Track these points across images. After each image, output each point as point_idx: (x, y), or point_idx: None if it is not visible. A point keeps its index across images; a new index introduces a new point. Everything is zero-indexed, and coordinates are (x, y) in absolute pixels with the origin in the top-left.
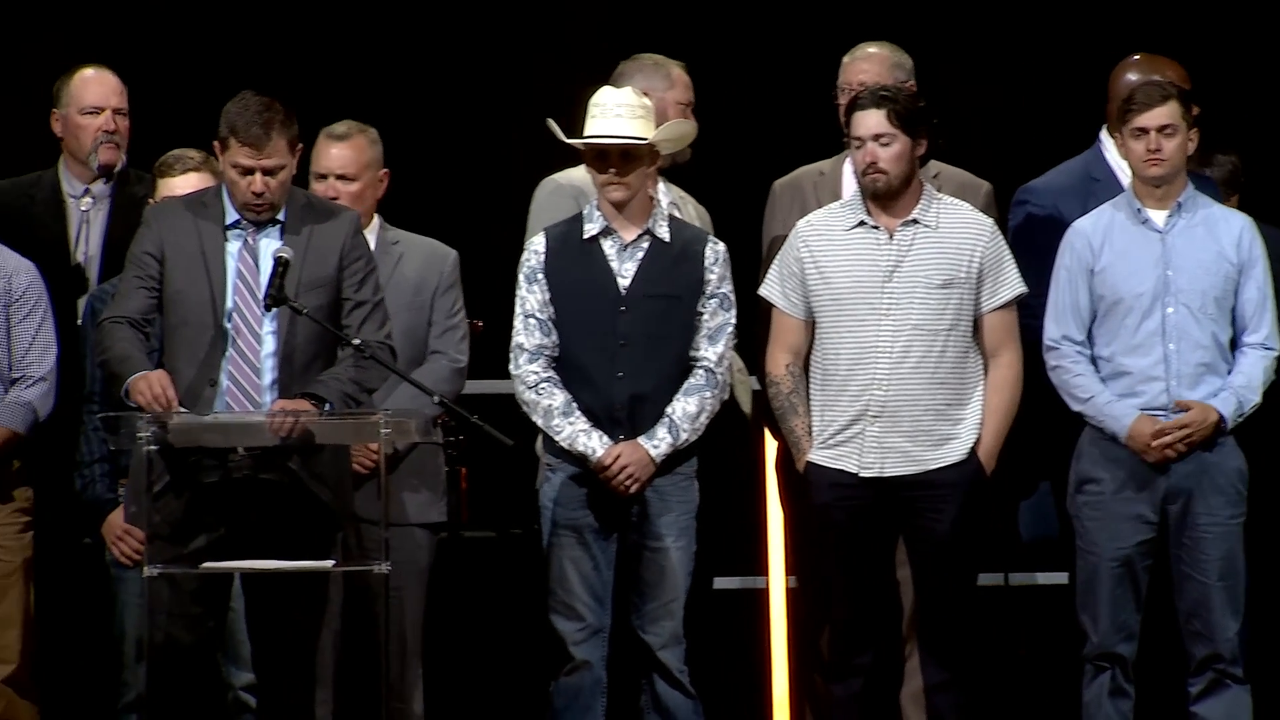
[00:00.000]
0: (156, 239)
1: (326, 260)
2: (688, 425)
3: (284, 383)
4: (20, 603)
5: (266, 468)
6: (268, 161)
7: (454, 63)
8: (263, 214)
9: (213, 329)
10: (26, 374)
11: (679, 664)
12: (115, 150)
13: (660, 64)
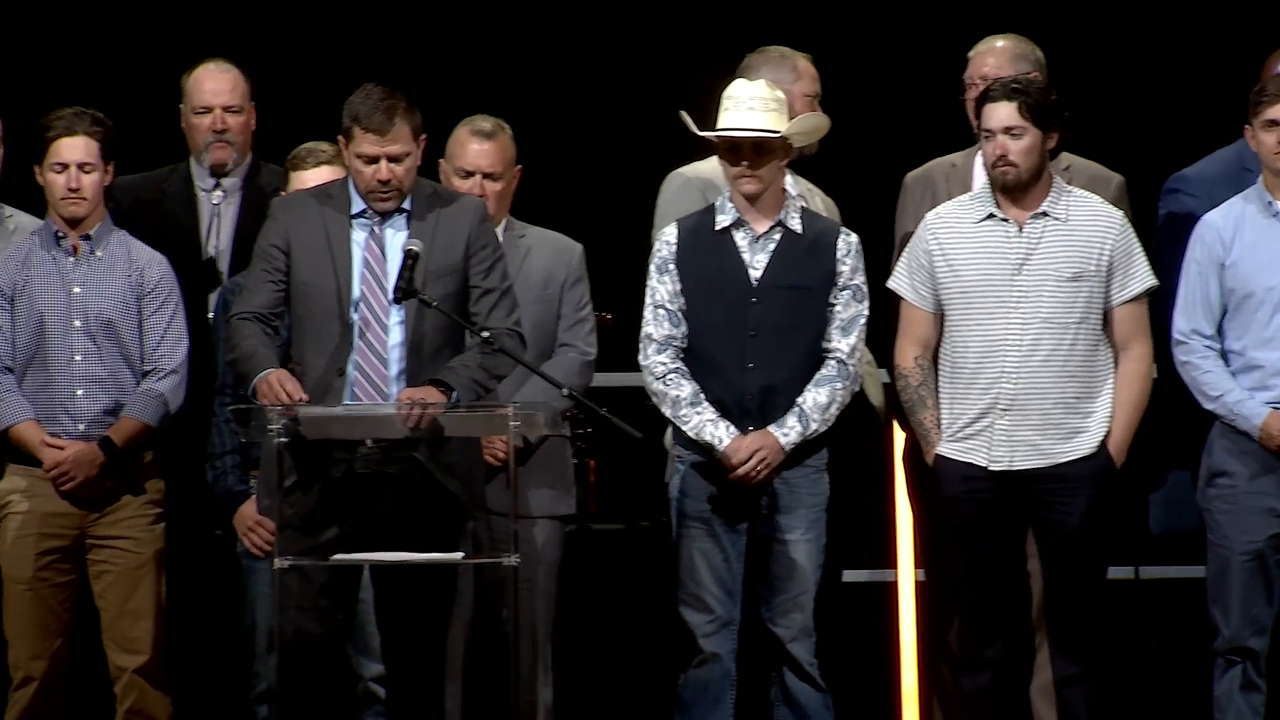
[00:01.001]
0: (282, 231)
1: (453, 248)
2: (818, 415)
3: (412, 372)
4: (152, 594)
5: (396, 460)
6: (392, 148)
7: (583, 56)
8: (388, 202)
9: (340, 320)
10: (158, 366)
11: (809, 657)
12: (225, 149)
13: (787, 56)
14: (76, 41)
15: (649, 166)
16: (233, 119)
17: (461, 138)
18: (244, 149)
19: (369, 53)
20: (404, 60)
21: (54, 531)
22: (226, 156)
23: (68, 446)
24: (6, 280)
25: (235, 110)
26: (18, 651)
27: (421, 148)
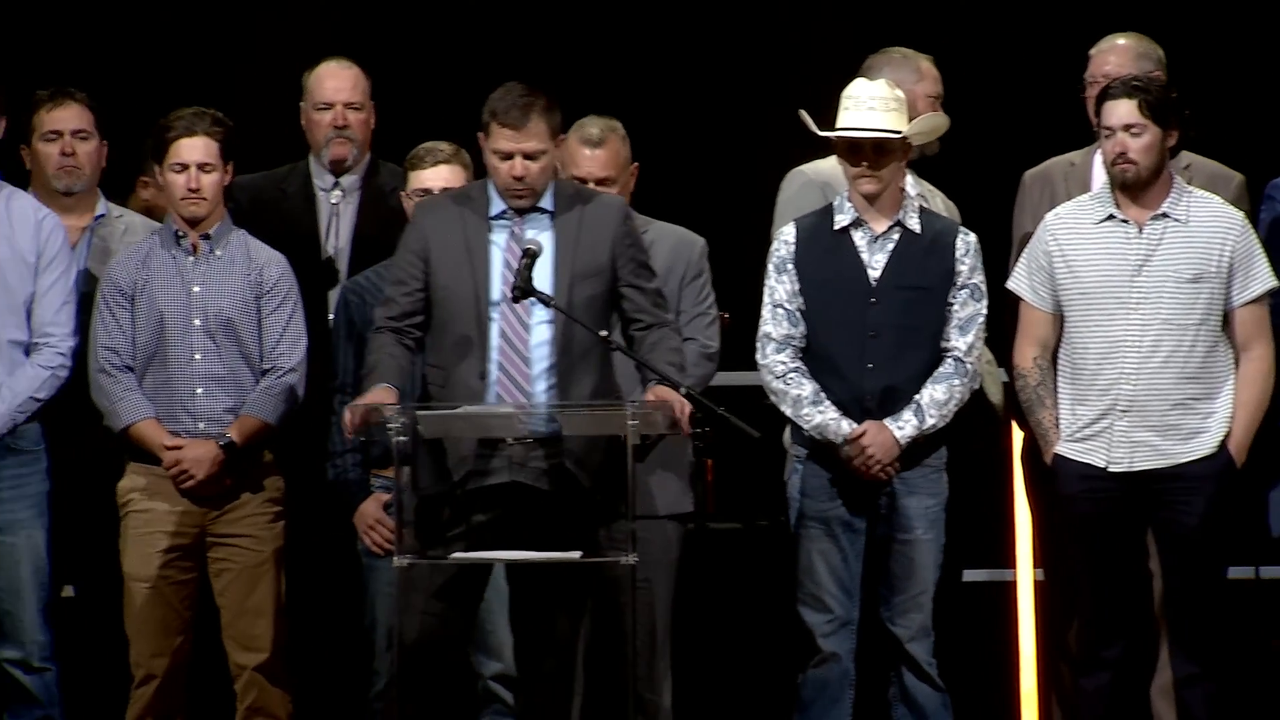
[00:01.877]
0: (421, 236)
1: (598, 250)
2: (935, 411)
3: (561, 371)
4: (271, 592)
5: (517, 459)
6: (528, 145)
7: (704, 53)
8: (524, 199)
9: (480, 322)
10: (277, 365)
11: (927, 656)
12: (345, 145)
13: (909, 57)
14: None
15: (769, 166)
16: (353, 115)
17: (572, 145)
18: (363, 147)
19: (489, 52)
20: (526, 58)
21: (174, 530)
22: (346, 153)
23: (187, 445)
24: (127, 279)
25: (356, 107)
26: (139, 649)
27: (560, 148)
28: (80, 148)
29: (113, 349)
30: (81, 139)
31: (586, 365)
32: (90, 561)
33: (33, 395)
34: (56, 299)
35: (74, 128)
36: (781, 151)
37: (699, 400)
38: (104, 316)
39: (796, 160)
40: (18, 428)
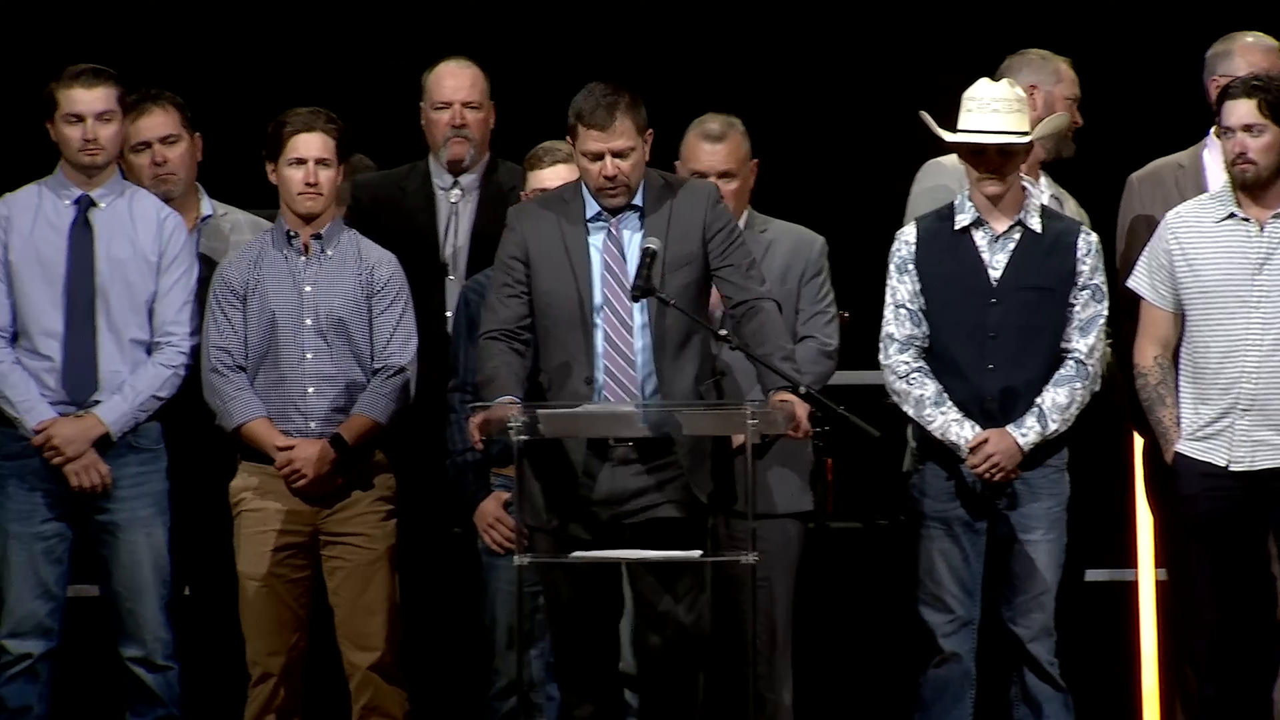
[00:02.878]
0: (520, 241)
1: (689, 237)
2: (1057, 415)
3: (660, 370)
4: (384, 590)
5: (638, 457)
6: (616, 143)
7: (824, 50)
8: (616, 198)
9: (585, 326)
10: (388, 364)
11: (1049, 656)
12: (463, 145)
13: (1047, 59)
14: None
15: (892, 164)
16: (471, 115)
17: (692, 141)
18: (482, 146)
19: (607, 51)
20: (644, 58)
21: (287, 528)
22: (464, 152)
23: (299, 444)
24: (239, 279)
25: (474, 106)
26: (255, 647)
27: (649, 143)
28: (170, 153)
29: (224, 349)
30: (170, 144)
31: (684, 355)
32: (205, 561)
33: (155, 393)
34: (178, 298)
35: (161, 134)
36: (901, 150)
37: (819, 399)
38: (216, 316)
39: (916, 158)
40: (139, 426)
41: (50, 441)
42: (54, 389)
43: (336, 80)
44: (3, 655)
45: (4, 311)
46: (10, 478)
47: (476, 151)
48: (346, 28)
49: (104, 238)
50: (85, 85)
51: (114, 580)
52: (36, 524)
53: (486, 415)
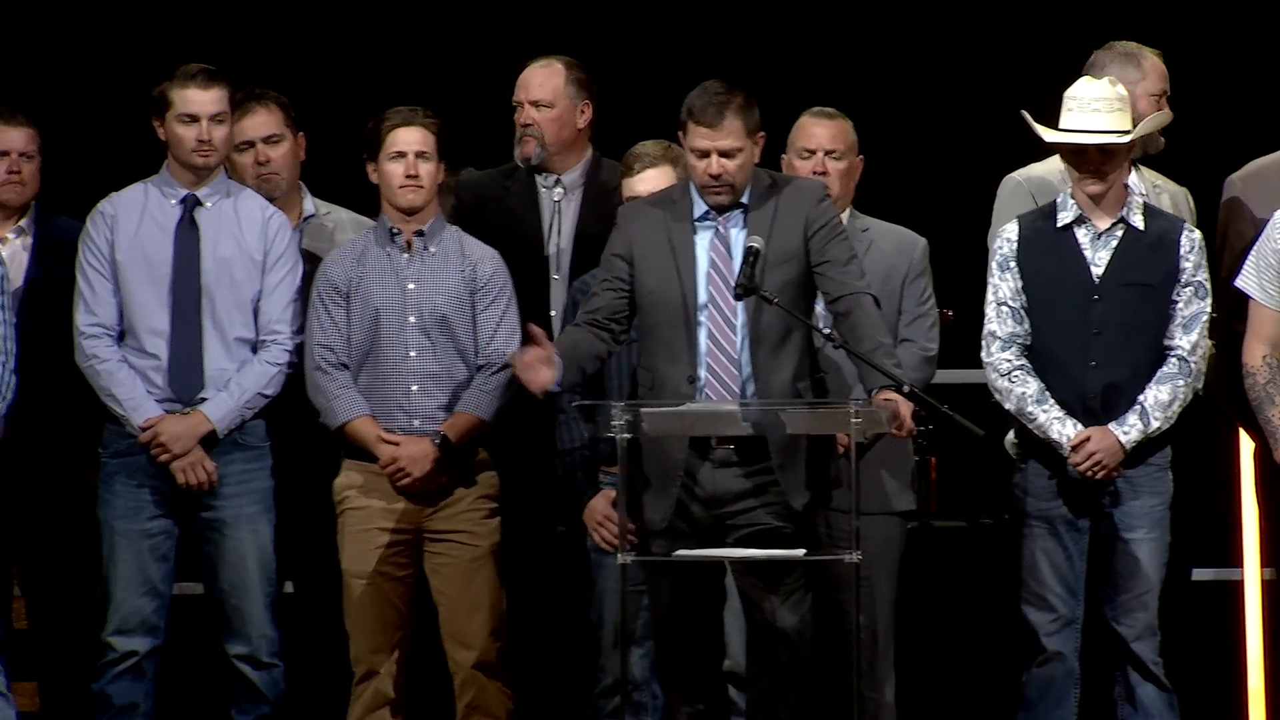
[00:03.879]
0: (626, 241)
1: (791, 233)
2: (1159, 413)
3: (759, 367)
4: (488, 588)
5: (742, 457)
6: (723, 143)
7: (924, 51)
8: (721, 195)
9: (689, 326)
10: (491, 362)
11: (1153, 656)
12: (529, 144)
13: (1133, 53)
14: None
15: (994, 164)
16: (539, 113)
17: (803, 122)
18: (563, 145)
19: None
20: (746, 57)
21: (391, 526)
22: (529, 151)
23: (403, 442)
24: (342, 277)
25: (544, 105)
26: (359, 645)
27: (759, 146)
28: (273, 153)
29: (328, 346)
30: (273, 143)
31: (782, 353)
32: (309, 558)
33: (260, 391)
34: (283, 296)
35: (264, 134)
36: (1002, 149)
37: (923, 398)
38: (319, 314)
39: (1017, 159)
40: (244, 423)
41: (157, 439)
42: (160, 387)
43: (441, 81)
44: (108, 653)
45: (111, 310)
46: (117, 475)
47: (546, 150)
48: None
49: (209, 237)
50: (200, 86)
51: (219, 577)
52: (143, 521)
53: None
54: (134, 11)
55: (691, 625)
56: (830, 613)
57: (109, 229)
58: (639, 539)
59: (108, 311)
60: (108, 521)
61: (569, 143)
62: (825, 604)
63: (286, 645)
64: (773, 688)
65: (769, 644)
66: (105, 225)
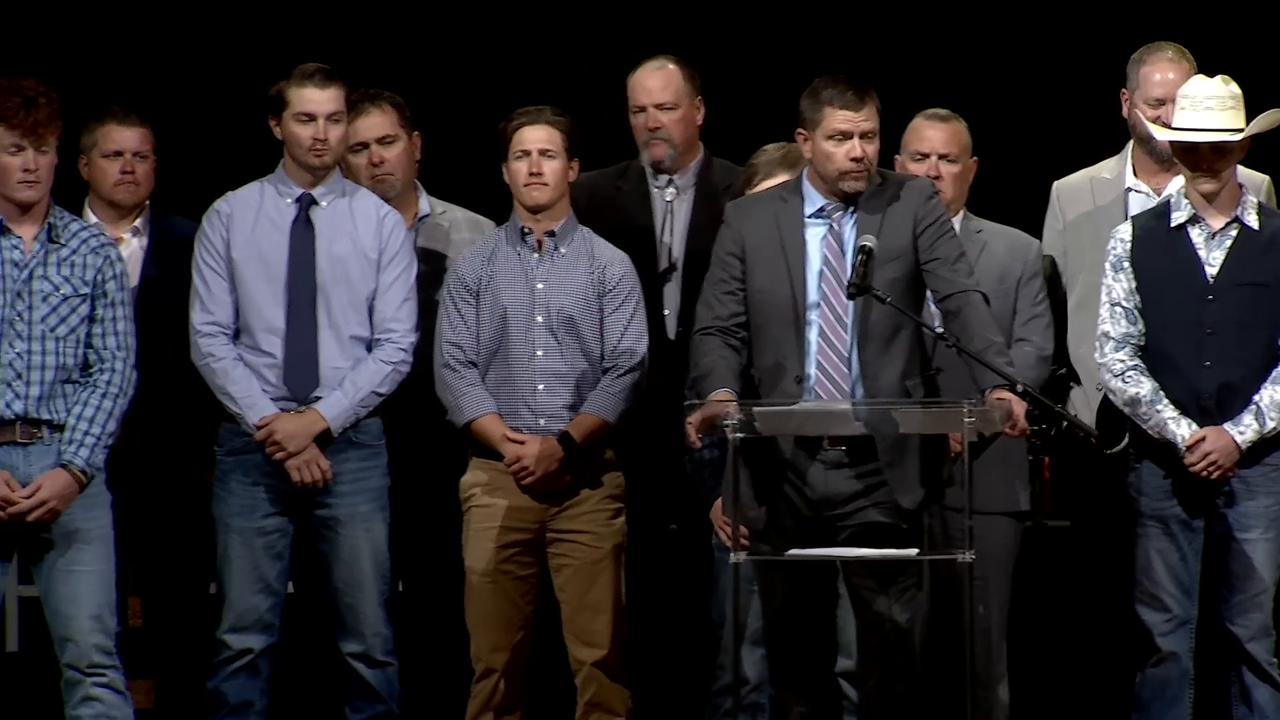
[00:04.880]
0: (737, 238)
1: (900, 230)
2: (1275, 413)
3: (865, 366)
4: (611, 588)
5: (854, 456)
6: (866, 125)
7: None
8: (860, 181)
9: (798, 324)
10: (618, 364)
11: (1268, 656)
12: (661, 147)
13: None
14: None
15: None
16: (666, 116)
17: (917, 124)
18: (686, 145)
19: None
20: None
21: (515, 525)
22: (662, 154)
23: (529, 441)
24: (472, 276)
25: (669, 107)
26: (479, 643)
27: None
28: (387, 154)
29: (457, 344)
30: (387, 144)
31: (891, 351)
32: (426, 556)
33: (374, 390)
34: (398, 295)
35: (378, 135)
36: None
37: (1037, 398)
38: (449, 312)
39: None
40: (359, 422)
41: (272, 437)
42: (275, 385)
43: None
44: (223, 650)
45: (226, 309)
46: (232, 473)
47: (675, 152)
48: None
49: (325, 235)
50: (318, 85)
51: (334, 575)
52: (258, 519)
53: (703, 412)
54: (251, 11)
55: (803, 625)
56: (944, 612)
57: (225, 228)
58: (751, 538)
59: (223, 310)
60: (223, 519)
61: (690, 143)
62: (939, 603)
63: (401, 644)
64: (884, 687)
65: (881, 643)
66: (221, 224)
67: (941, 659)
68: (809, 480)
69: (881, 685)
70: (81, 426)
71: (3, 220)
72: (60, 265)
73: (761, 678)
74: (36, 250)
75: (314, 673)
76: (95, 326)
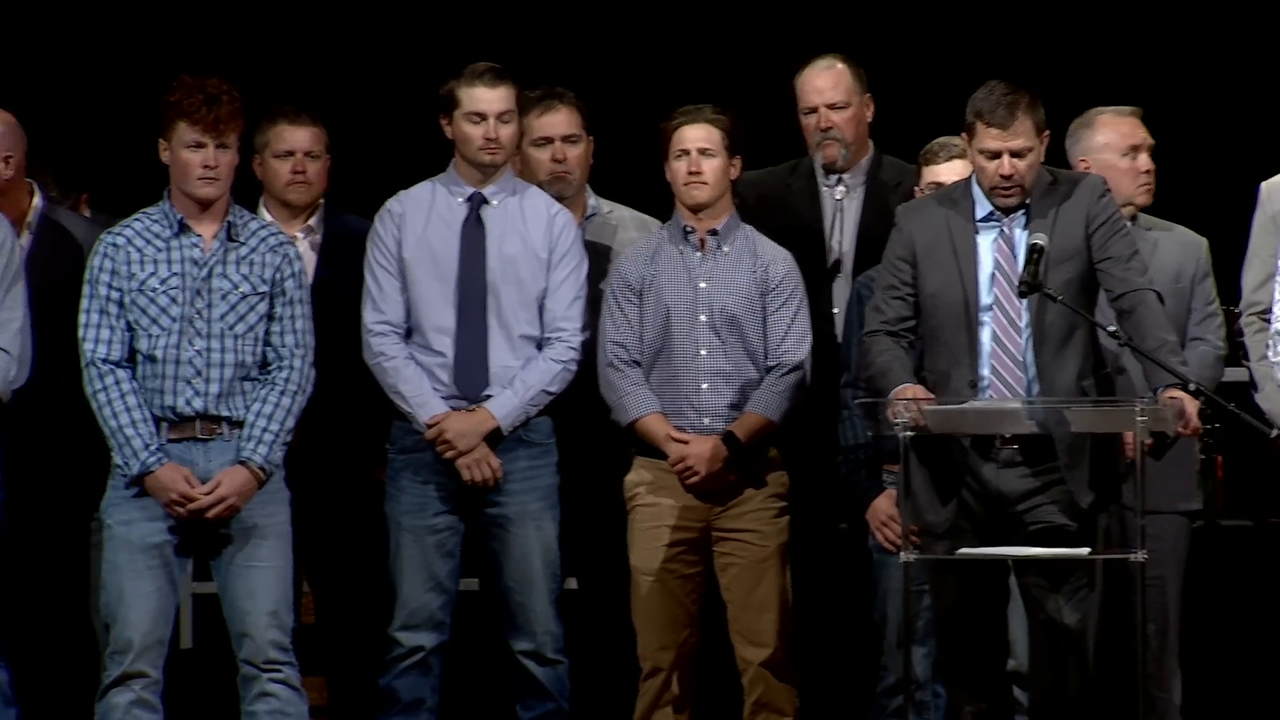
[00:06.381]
0: (908, 241)
1: (1073, 231)
2: None
3: (1041, 367)
4: (776, 587)
5: (1026, 457)
6: (1014, 143)
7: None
8: (1010, 196)
9: (970, 327)
10: (782, 362)
11: None
12: (833, 147)
13: None
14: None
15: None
16: (837, 115)
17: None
18: (857, 143)
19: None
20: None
21: (680, 524)
22: (835, 154)
23: (692, 440)
24: (635, 275)
25: (840, 106)
26: (646, 642)
27: (1044, 143)
28: (570, 152)
29: (621, 344)
30: (571, 143)
31: (1066, 351)
32: (595, 554)
33: (545, 388)
34: (568, 294)
35: (564, 133)
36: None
37: (1211, 397)
38: (613, 311)
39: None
40: (530, 420)
41: (443, 436)
42: (446, 384)
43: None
44: (395, 648)
45: (398, 308)
46: (403, 471)
47: (848, 151)
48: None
49: (495, 235)
50: (488, 84)
51: (504, 574)
52: (429, 517)
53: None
54: (423, 11)
55: (975, 624)
56: (1116, 612)
57: (397, 227)
58: (921, 538)
59: (395, 309)
60: (394, 518)
61: (861, 140)
62: (1111, 603)
63: (571, 642)
64: (1056, 687)
65: (1052, 643)
66: (393, 224)
67: (1114, 659)
68: (982, 479)
69: (1053, 686)
70: (260, 423)
71: (183, 218)
72: (239, 264)
73: (926, 676)
74: (216, 249)
75: (485, 671)
76: (274, 324)
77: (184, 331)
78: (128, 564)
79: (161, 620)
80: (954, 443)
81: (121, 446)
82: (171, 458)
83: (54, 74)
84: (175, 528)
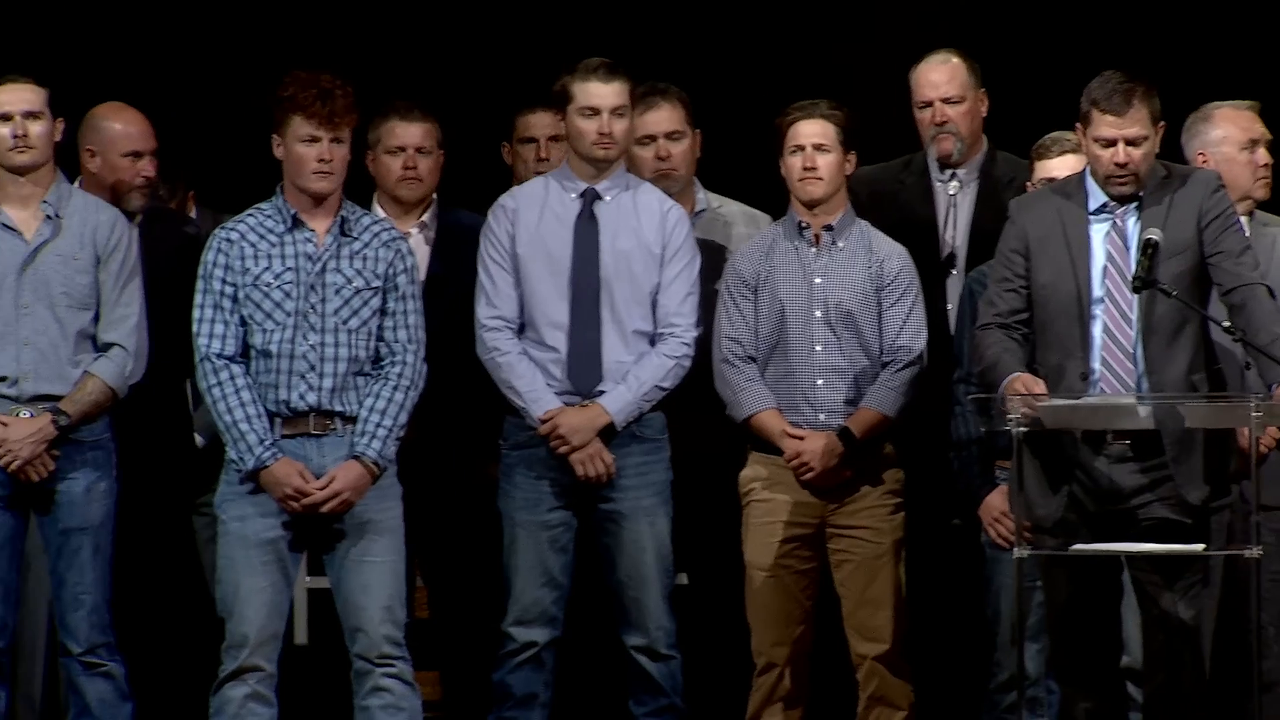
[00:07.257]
0: (1021, 234)
1: (1185, 225)
2: None
3: (1150, 360)
4: (891, 583)
5: (1139, 450)
6: (1129, 131)
7: None
8: (1125, 186)
9: (1083, 320)
10: (897, 358)
11: None
12: (948, 140)
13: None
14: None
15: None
16: (952, 110)
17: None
18: (972, 138)
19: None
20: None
21: (795, 520)
22: (950, 148)
23: (807, 436)
24: (750, 271)
25: (954, 101)
26: (760, 637)
27: (1160, 134)
28: (673, 149)
29: (736, 339)
30: (674, 140)
31: (1176, 345)
32: (708, 550)
33: (658, 384)
34: (681, 289)
35: (666, 130)
36: None
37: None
38: (728, 307)
39: None
40: (643, 416)
41: (556, 431)
42: (559, 379)
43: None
44: (508, 643)
45: (511, 303)
46: (517, 467)
47: (964, 145)
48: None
49: (608, 230)
50: (601, 79)
51: (617, 569)
52: (543, 513)
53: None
54: (534, 5)
55: (1088, 620)
56: (1231, 608)
57: (510, 223)
58: (1033, 534)
59: (509, 304)
60: (508, 513)
61: (975, 135)
62: (1227, 599)
63: (684, 637)
64: (1170, 684)
65: (1166, 639)
66: (506, 219)
67: (1228, 656)
68: (1094, 474)
69: (1167, 683)
70: (374, 419)
71: (296, 213)
72: (352, 259)
73: (1039, 672)
74: (329, 243)
75: (598, 666)
76: (386, 319)
77: (298, 326)
78: (243, 559)
79: (276, 615)
80: (1065, 437)
81: (236, 441)
82: (285, 453)
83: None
84: (289, 523)
